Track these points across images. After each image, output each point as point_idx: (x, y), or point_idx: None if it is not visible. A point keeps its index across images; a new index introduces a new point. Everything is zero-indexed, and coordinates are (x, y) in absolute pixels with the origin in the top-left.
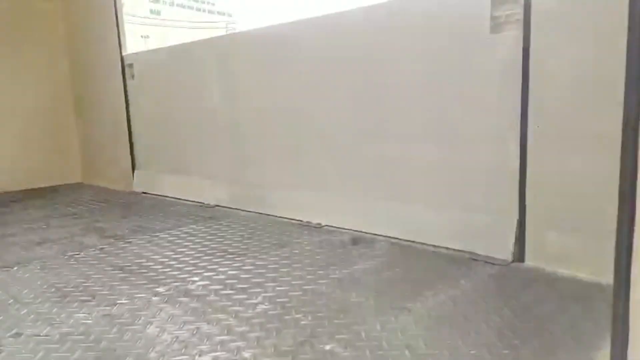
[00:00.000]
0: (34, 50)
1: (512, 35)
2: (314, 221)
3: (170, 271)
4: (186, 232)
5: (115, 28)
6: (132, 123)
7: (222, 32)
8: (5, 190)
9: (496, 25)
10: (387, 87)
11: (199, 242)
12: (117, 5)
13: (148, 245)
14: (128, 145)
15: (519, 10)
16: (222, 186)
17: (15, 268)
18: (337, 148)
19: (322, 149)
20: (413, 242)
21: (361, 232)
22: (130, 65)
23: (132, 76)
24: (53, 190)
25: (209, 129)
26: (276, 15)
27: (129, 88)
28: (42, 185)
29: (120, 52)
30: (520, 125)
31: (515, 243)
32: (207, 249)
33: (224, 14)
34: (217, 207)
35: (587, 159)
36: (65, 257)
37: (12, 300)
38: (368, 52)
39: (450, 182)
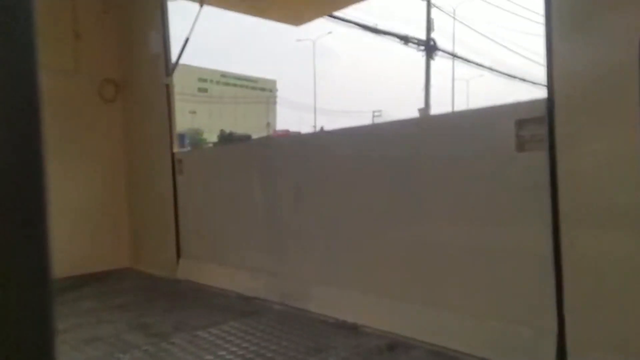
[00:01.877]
0: (93, 143)
1: (538, 154)
2: (350, 320)
3: None
4: (225, 331)
5: (168, 128)
6: (179, 214)
7: (264, 107)
8: (58, 276)
9: (521, 144)
10: (420, 190)
11: (237, 344)
12: (171, 108)
13: (189, 346)
14: (174, 235)
15: (542, 132)
16: (260, 279)
17: None
18: (371, 247)
19: (356, 246)
20: (450, 349)
21: (397, 335)
22: (180, 161)
23: (181, 171)
24: (103, 276)
25: (249, 221)
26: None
27: (177, 182)
28: (94, 270)
29: (172, 149)
30: (553, 234)
31: (556, 359)
32: (245, 352)
33: (264, 90)
34: (255, 300)
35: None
36: None
37: None
38: (400, 159)
39: (488, 291)
